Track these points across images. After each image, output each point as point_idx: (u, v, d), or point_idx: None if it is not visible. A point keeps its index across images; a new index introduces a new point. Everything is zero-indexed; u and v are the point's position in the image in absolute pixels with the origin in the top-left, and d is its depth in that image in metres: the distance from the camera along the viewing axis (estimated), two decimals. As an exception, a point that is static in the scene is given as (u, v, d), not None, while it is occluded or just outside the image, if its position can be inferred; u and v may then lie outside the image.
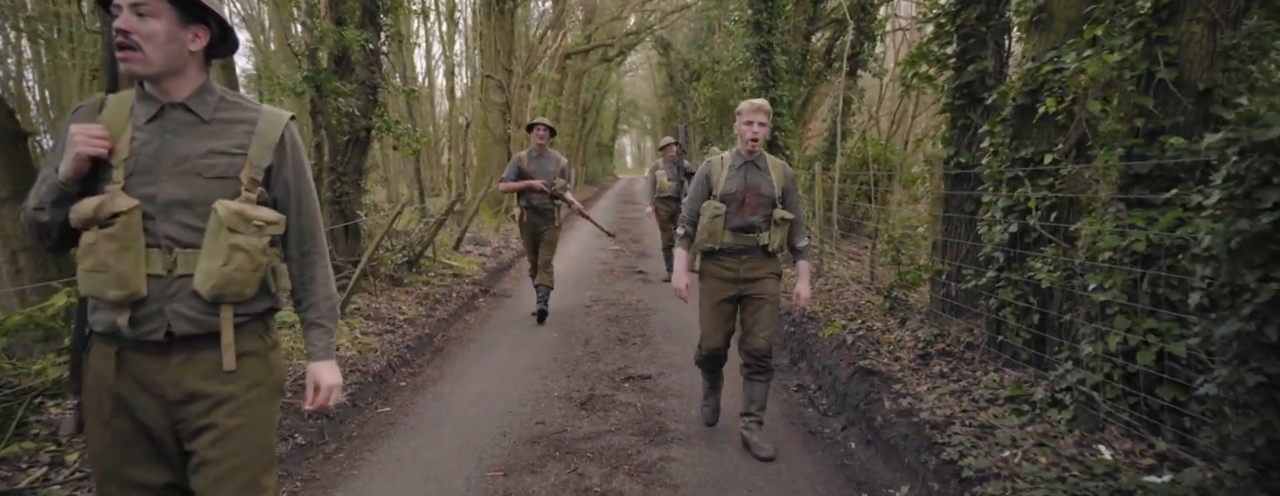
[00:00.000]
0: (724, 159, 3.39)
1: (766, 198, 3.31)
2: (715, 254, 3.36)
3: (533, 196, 5.86)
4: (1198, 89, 3.26)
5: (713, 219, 3.30)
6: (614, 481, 3.09)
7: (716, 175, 3.37)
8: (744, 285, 3.36)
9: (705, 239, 3.34)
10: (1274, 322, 2.14)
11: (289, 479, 3.07)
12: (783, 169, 3.40)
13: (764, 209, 3.31)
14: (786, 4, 11.70)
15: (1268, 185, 2.16)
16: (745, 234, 3.31)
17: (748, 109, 3.32)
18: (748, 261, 3.35)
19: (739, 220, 3.30)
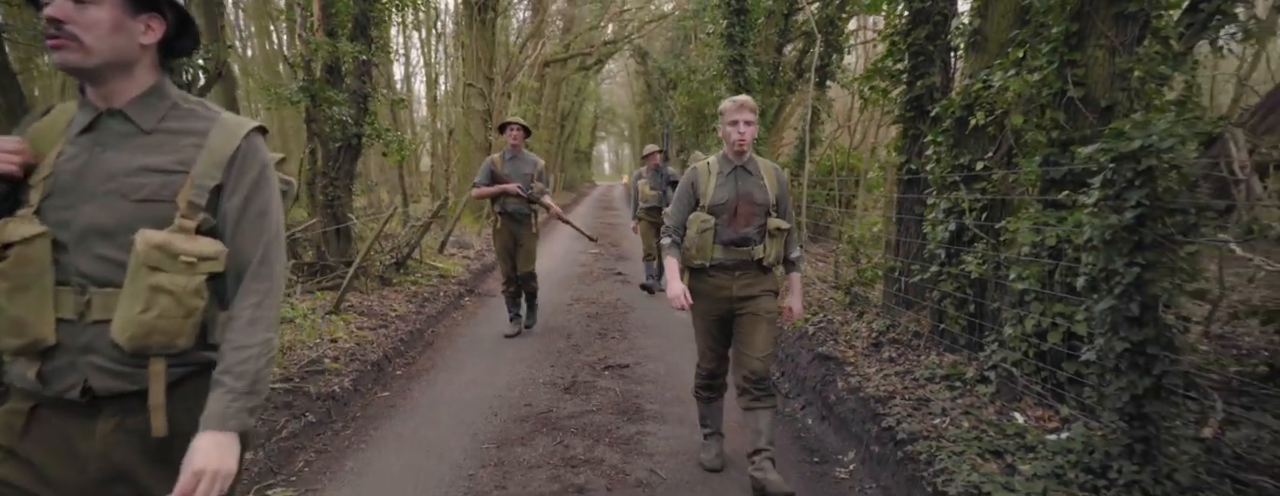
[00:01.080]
0: (711, 165, 3.05)
1: (760, 206, 2.98)
2: (705, 271, 3.02)
3: (508, 201, 5.52)
4: (1101, 105, 3.75)
5: (701, 233, 2.97)
6: (596, 451, 3.48)
7: (703, 184, 3.02)
8: (738, 303, 3.02)
9: (693, 255, 3.01)
10: (1136, 299, 2.61)
11: (304, 450, 3.43)
12: (775, 172, 3.08)
13: (758, 219, 2.98)
14: (759, 17, 12.25)
15: (1132, 187, 2.63)
16: (738, 248, 2.98)
17: (731, 107, 2.97)
18: (742, 278, 3.01)
19: (731, 233, 2.96)
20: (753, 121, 2.94)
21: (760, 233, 3.01)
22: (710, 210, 2.98)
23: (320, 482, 3.11)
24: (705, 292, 3.04)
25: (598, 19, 25.63)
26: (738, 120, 2.96)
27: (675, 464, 3.35)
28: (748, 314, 3.02)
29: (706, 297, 3.04)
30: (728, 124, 2.98)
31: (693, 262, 3.03)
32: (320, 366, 4.34)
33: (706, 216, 2.98)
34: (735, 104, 2.97)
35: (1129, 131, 2.67)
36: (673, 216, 3.11)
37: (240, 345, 1.28)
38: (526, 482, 3.11)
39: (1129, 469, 2.58)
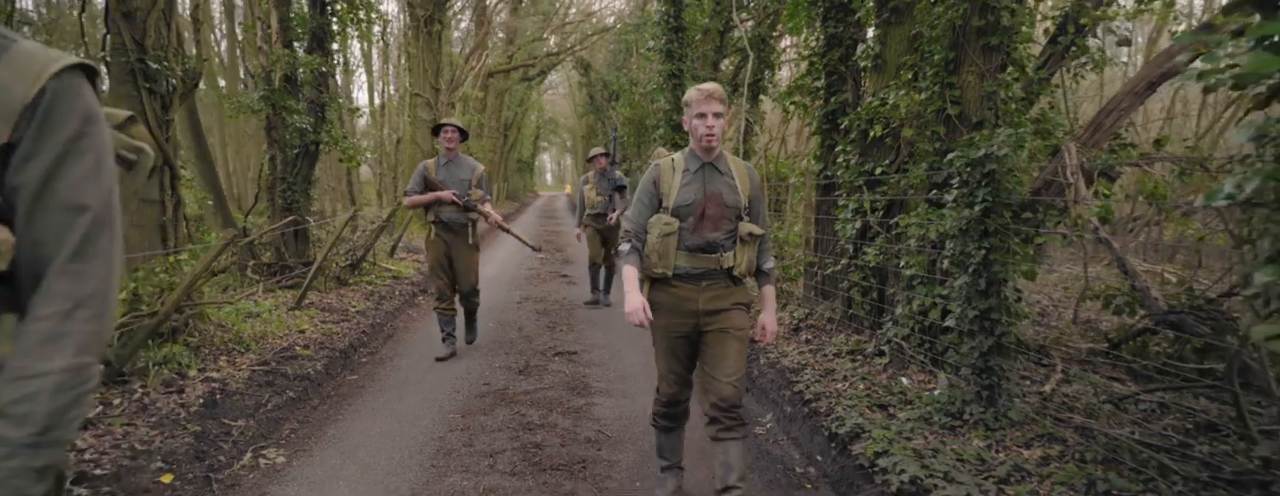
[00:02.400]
0: (675, 161, 2.69)
1: (731, 208, 2.62)
2: (668, 281, 2.65)
3: (443, 210, 5.02)
4: (973, 121, 4.50)
5: (663, 237, 2.59)
6: (549, 418, 3.99)
7: (667, 181, 2.64)
8: (704, 318, 2.65)
9: (655, 262, 2.63)
10: (984, 276, 3.30)
11: (288, 420, 3.83)
12: (748, 172, 2.74)
13: (727, 222, 2.63)
14: (696, 34, 13.00)
15: (979, 186, 3.33)
16: (705, 255, 2.62)
17: (698, 97, 2.58)
18: (709, 289, 2.64)
19: (697, 238, 2.60)
20: (722, 113, 2.56)
21: (731, 238, 2.64)
22: (674, 212, 2.60)
23: (307, 445, 3.52)
24: (668, 305, 2.65)
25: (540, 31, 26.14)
26: (706, 112, 2.56)
27: (619, 426, 3.89)
28: (716, 330, 2.63)
29: (669, 311, 2.65)
30: (694, 116, 2.59)
31: (654, 271, 2.64)
32: (293, 353, 4.71)
33: (670, 219, 2.59)
34: (702, 93, 2.57)
35: (976, 142, 3.37)
36: (631, 219, 2.71)
37: (27, 374, 0.90)
38: (490, 442, 3.60)
39: (976, 410, 3.26)
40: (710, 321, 2.66)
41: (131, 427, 3.25)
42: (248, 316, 5.35)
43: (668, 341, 2.73)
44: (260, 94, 6.62)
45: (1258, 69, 1.80)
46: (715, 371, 2.62)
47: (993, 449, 3.00)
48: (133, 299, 3.90)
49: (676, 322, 2.68)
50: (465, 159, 5.18)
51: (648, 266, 2.66)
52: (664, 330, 2.71)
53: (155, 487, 2.83)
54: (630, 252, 2.68)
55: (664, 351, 2.76)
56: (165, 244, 4.55)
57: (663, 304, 2.67)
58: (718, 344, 2.64)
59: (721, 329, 2.64)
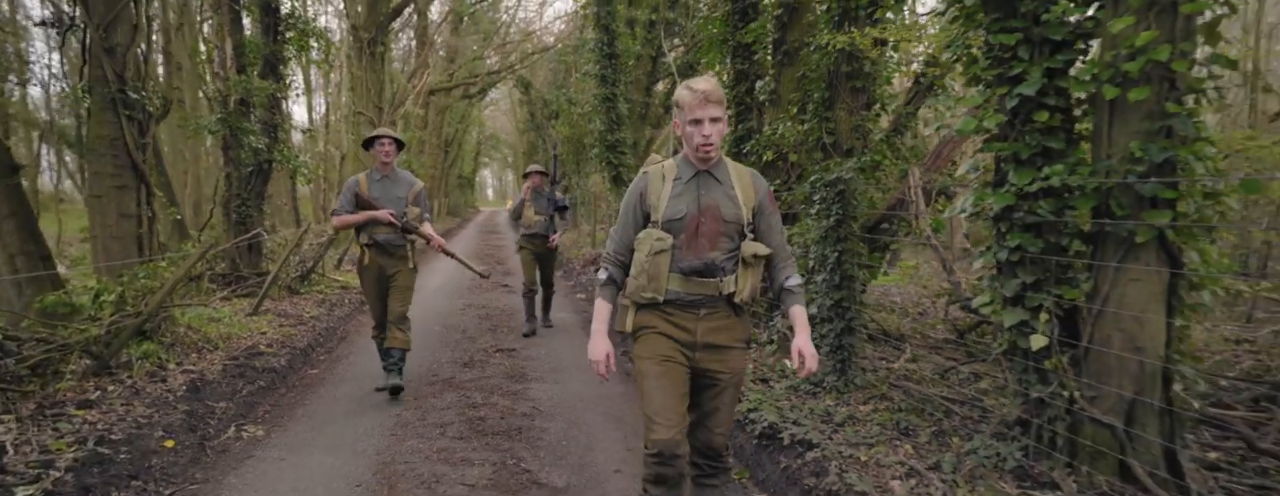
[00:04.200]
0: (665, 168, 2.33)
1: (730, 224, 2.25)
2: (659, 307, 2.29)
3: (377, 231, 4.51)
4: (844, 148, 5.45)
5: (654, 256, 2.22)
6: (491, 399, 4.69)
7: (655, 191, 2.28)
8: (702, 354, 2.28)
9: (644, 285, 2.24)
10: (837, 273, 4.19)
11: (262, 404, 4.42)
12: (753, 180, 2.33)
13: (727, 240, 2.25)
14: (629, 61, 13.90)
15: (833, 203, 4.23)
16: (701, 278, 2.25)
17: (692, 101, 2.16)
18: (708, 319, 2.27)
19: (692, 258, 2.24)
20: (721, 118, 2.17)
21: (732, 259, 2.26)
22: (666, 226, 2.24)
23: (281, 422, 4.13)
24: (659, 329, 2.28)
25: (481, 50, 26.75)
26: (701, 118, 2.16)
27: (551, 404, 4.62)
28: (713, 376, 2.31)
29: (660, 336, 2.28)
30: (688, 123, 2.19)
31: (642, 296, 2.26)
32: (258, 351, 5.27)
33: (661, 233, 2.23)
34: (697, 95, 2.15)
35: (830, 167, 4.28)
36: (614, 239, 2.34)
37: None
38: (440, 417, 4.28)
39: (831, 380, 4.14)
40: (708, 360, 2.28)
41: (129, 407, 3.82)
42: (210, 320, 5.86)
43: (658, 368, 2.24)
44: (217, 116, 7.12)
45: (962, 129, 2.73)
46: (707, 419, 2.35)
47: (838, 405, 3.87)
48: (119, 300, 4.44)
49: (668, 346, 2.26)
50: (402, 174, 4.71)
51: (636, 290, 2.27)
52: (653, 357, 2.25)
53: (161, 450, 3.42)
54: (606, 284, 2.32)
55: (653, 382, 2.23)
56: (141, 253, 5.08)
57: (655, 327, 2.28)
58: (713, 398, 2.33)
59: (718, 375, 2.30)
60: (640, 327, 2.33)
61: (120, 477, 3.07)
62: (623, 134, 12.65)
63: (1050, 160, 2.73)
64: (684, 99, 2.19)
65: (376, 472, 3.41)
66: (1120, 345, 2.59)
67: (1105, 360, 2.63)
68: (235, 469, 3.43)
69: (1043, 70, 2.69)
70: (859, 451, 3.23)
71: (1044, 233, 2.79)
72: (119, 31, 5.05)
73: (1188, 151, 2.42)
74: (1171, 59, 2.40)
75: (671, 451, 2.18)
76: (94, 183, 5.01)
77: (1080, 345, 2.71)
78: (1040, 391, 2.75)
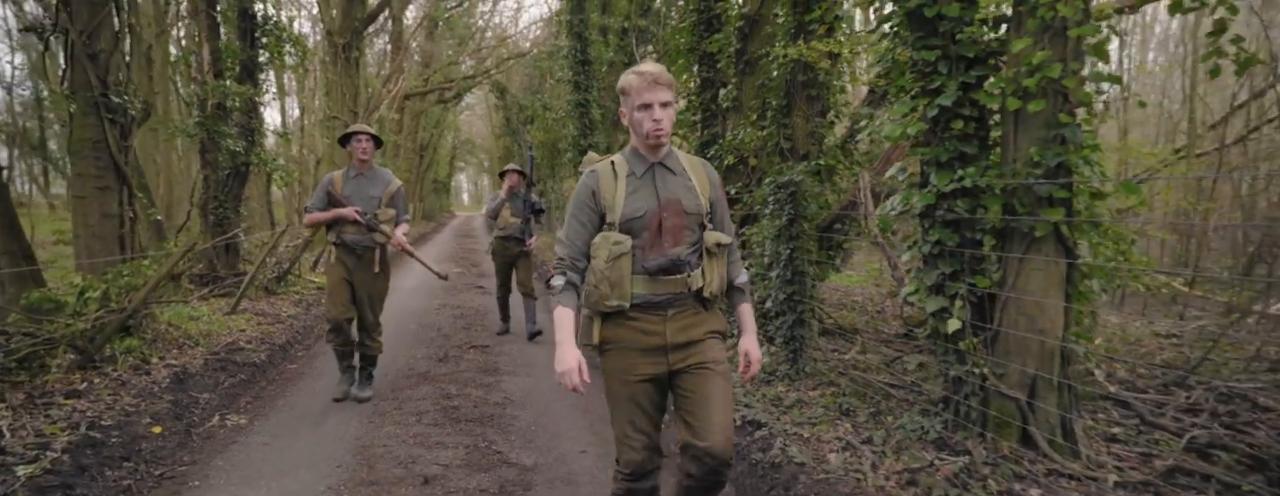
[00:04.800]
0: (615, 165, 2.18)
1: (692, 215, 2.15)
2: (624, 313, 2.14)
3: (345, 230, 4.39)
4: (801, 153, 5.79)
5: (613, 261, 2.09)
6: (465, 390, 4.92)
7: (607, 190, 2.14)
8: (676, 355, 2.14)
9: (606, 294, 2.10)
10: (790, 268, 4.51)
11: (243, 395, 4.62)
12: (705, 169, 2.26)
13: (691, 233, 2.15)
14: (603, 67, 14.21)
15: (785, 203, 4.55)
16: (668, 277, 2.13)
17: (639, 84, 2.05)
18: (677, 318, 2.15)
19: (657, 256, 2.12)
20: (671, 102, 2.05)
21: (696, 252, 2.16)
22: (623, 227, 2.11)
23: (263, 412, 4.34)
24: (627, 342, 2.13)
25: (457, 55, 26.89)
26: (650, 102, 2.04)
27: (522, 394, 4.87)
28: (694, 366, 2.13)
29: (629, 350, 2.13)
30: (636, 108, 2.07)
31: (606, 305, 2.11)
32: (238, 347, 5.46)
33: (619, 236, 2.10)
34: (645, 78, 2.03)
35: (783, 170, 4.60)
36: (566, 243, 2.19)
37: None
38: (417, 406, 4.51)
39: (784, 369, 4.45)
40: (684, 357, 2.13)
41: (117, 397, 4.00)
42: (190, 319, 6.02)
43: (628, 389, 2.12)
44: (196, 120, 7.27)
45: (888, 135, 3.05)
46: (698, 418, 2.07)
47: (789, 391, 4.18)
48: (103, 297, 4.61)
49: (640, 363, 2.11)
50: (381, 172, 4.57)
51: (597, 299, 2.11)
52: (621, 374, 2.13)
53: (149, 435, 3.62)
54: (566, 289, 2.15)
55: (623, 403, 2.14)
56: (123, 253, 5.24)
57: (620, 341, 2.13)
58: (698, 384, 2.10)
59: (699, 364, 2.12)
60: (607, 342, 2.16)
61: (113, 459, 3.27)
62: (596, 138, 12.94)
63: (965, 164, 3.07)
64: (630, 83, 2.06)
65: (356, 455, 3.64)
66: (1024, 327, 2.93)
67: (1011, 341, 2.97)
68: (221, 452, 3.64)
69: (958, 84, 3.03)
70: (803, 429, 3.54)
71: (961, 228, 3.12)
72: (102, 38, 5.22)
73: (1078, 156, 2.77)
74: (1062, 76, 2.74)
75: (640, 471, 2.14)
76: (77, 184, 5.17)
77: (991, 328, 3.04)
78: (958, 370, 3.08)
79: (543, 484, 3.33)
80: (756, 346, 2.26)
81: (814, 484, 2.95)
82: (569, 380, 2.04)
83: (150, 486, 3.18)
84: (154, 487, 3.18)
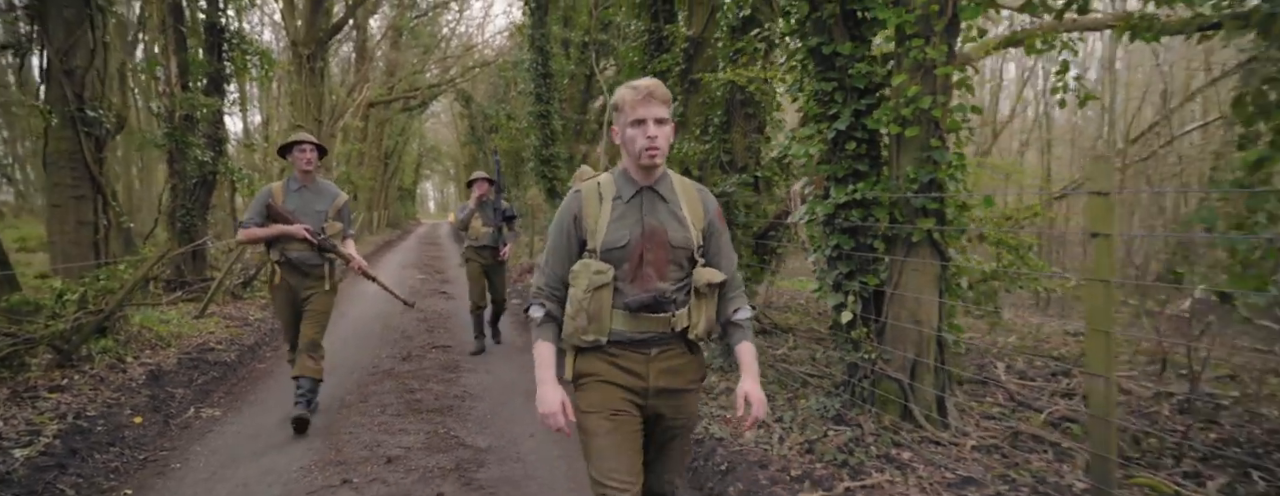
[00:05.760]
0: (601, 185, 2.00)
1: (679, 249, 1.95)
2: (602, 348, 1.97)
3: (291, 248, 4.07)
4: (739, 166, 6.30)
5: (593, 291, 1.91)
6: (427, 385, 5.30)
7: (591, 214, 1.96)
8: (657, 401, 1.99)
9: (583, 326, 1.93)
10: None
11: (216, 391, 4.94)
12: (700, 196, 2.06)
13: (676, 269, 1.95)
14: (563, 79, 14.66)
15: (731, 209, 5.03)
16: (650, 314, 1.93)
17: (633, 98, 1.88)
18: (661, 359, 1.97)
19: (638, 291, 1.93)
20: (666, 119, 1.90)
21: (683, 290, 1.97)
22: (604, 255, 1.94)
23: (236, 405, 4.67)
24: (604, 376, 1.97)
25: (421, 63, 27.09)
26: (644, 118, 1.88)
27: (480, 388, 5.26)
28: (664, 429, 2.04)
29: (606, 384, 1.97)
30: (629, 124, 1.90)
31: (582, 339, 1.95)
32: (209, 347, 5.75)
33: (600, 265, 1.92)
34: (639, 92, 1.88)
35: (718, 182, 5.09)
36: (544, 269, 2.03)
37: None
38: (381, 399, 4.88)
39: (720, 361, 4.92)
40: (661, 407, 1.98)
41: (97, 392, 4.30)
42: (161, 321, 6.28)
43: (606, 423, 1.92)
44: (164, 131, 7.53)
45: (795, 153, 3.56)
46: (654, 467, 2.07)
47: (720, 382, 4.65)
48: (81, 300, 4.89)
49: (617, 396, 1.95)
50: (324, 185, 4.26)
51: (574, 332, 1.94)
52: (599, 408, 1.94)
53: (131, 425, 3.94)
54: (544, 322, 2.00)
55: (603, 436, 1.92)
56: (97, 258, 5.52)
57: (599, 373, 1.96)
58: (663, 448, 2.05)
59: (678, 427, 2.03)
60: (582, 375, 1.97)
61: (100, 444, 3.60)
62: (557, 149, 13.37)
63: (859, 179, 3.58)
64: (624, 98, 1.88)
65: (324, 440, 4.01)
66: (906, 319, 3.44)
67: (896, 331, 3.48)
68: (198, 440, 3.98)
69: (852, 111, 3.54)
70: (727, 412, 4.02)
71: (856, 234, 3.63)
72: (78, 55, 5.51)
73: (944, 174, 3.30)
74: (931, 107, 3.27)
75: None
76: (54, 193, 5.44)
77: (880, 320, 3.55)
78: (853, 357, 3.58)
79: (495, 462, 3.74)
80: (758, 389, 1.95)
81: (729, 455, 3.41)
82: (553, 422, 1.91)
83: (136, 468, 3.52)
84: (139, 469, 3.52)
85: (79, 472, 3.28)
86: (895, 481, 2.89)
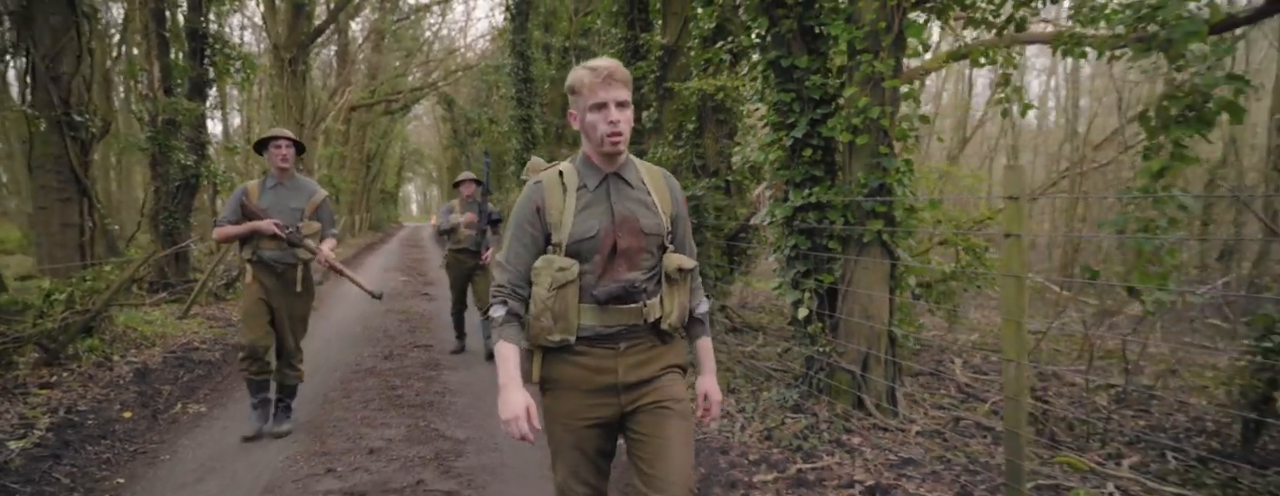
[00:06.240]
0: (563, 174, 1.87)
1: (651, 236, 1.86)
2: (570, 348, 1.85)
3: (263, 246, 3.93)
4: (711, 170, 6.54)
5: (557, 290, 1.80)
6: (408, 382, 5.47)
7: (553, 206, 1.84)
8: (630, 395, 1.87)
9: (548, 327, 1.81)
10: (692, 270, 5.23)
11: (201, 388, 5.08)
12: (666, 181, 1.97)
13: (648, 256, 1.86)
14: (544, 85, 14.85)
15: (702, 212, 5.26)
16: (621, 305, 1.84)
17: (592, 80, 1.76)
18: (631, 352, 1.87)
19: (609, 283, 1.83)
20: (628, 102, 1.80)
21: (654, 278, 1.88)
22: (571, 249, 1.82)
23: (221, 401, 4.81)
24: (572, 382, 1.86)
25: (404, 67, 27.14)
26: (606, 101, 1.76)
27: (460, 385, 5.44)
28: (649, 407, 1.87)
29: (574, 391, 1.86)
30: (589, 108, 1.78)
31: (548, 339, 1.83)
32: (193, 347, 5.89)
33: (565, 261, 1.81)
34: (598, 74, 1.76)
35: (689, 185, 5.32)
36: (506, 266, 1.90)
37: None
38: (364, 395, 5.05)
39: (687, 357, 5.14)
40: (638, 396, 1.86)
41: (87, 388, 4.44)
42: (144, 322, 6.40)
43: (573, 435, 1.87)
44: (147, 134, 7.64)
45: (756, 160, 3.79)
46: (655, 466, 1.81)
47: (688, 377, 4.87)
48: (69, 300, 5.02)
49: (587, 404, 1.85)
50: (304, 182, 4.13)
51: (538, 333, 1.83)
52: (566, 419, 1.87)
53: (121, 419, 4.08)
54: (507, 321, 1.86)
55: (566, 451, 1.88)
56: (83, 259, 5.64)
57: (565, 380, 1.85)
58: (655, 426, 1.84)
59: (656, 403, 1.86)
60: (549, 380, 1.87)
61: (92, 437, 3.75)
62: (538, 153, 13.56)
63: (815, 184, 3.82)
64: (583, 80, 1.75)
65: (309, 434, 4.17)
66: (858, 315, 3.69)
67: (850, 326, 3.72)
68: (186, 434, 4.13)
69: (808, 120, 3.79)
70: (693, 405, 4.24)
71: (812, 235, 3.87)
72: (64, 61, 5.64)
73: (893, 179, 3.55)
74: (880, 117, 3.52)
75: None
76: (40, 196, 5.56)
77: (834, 316, 3.79)
78: (810, 350, 3.82)
79: (473, 452, 3.93)
80: (716, 387, 1.99)
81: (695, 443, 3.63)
82: (516, 428, 1.74)
83: (127, 459, 3.67)
84: (130, 460, 3.67)
85: (73, 463, 3.44)
86: (843, 463, 3.12)
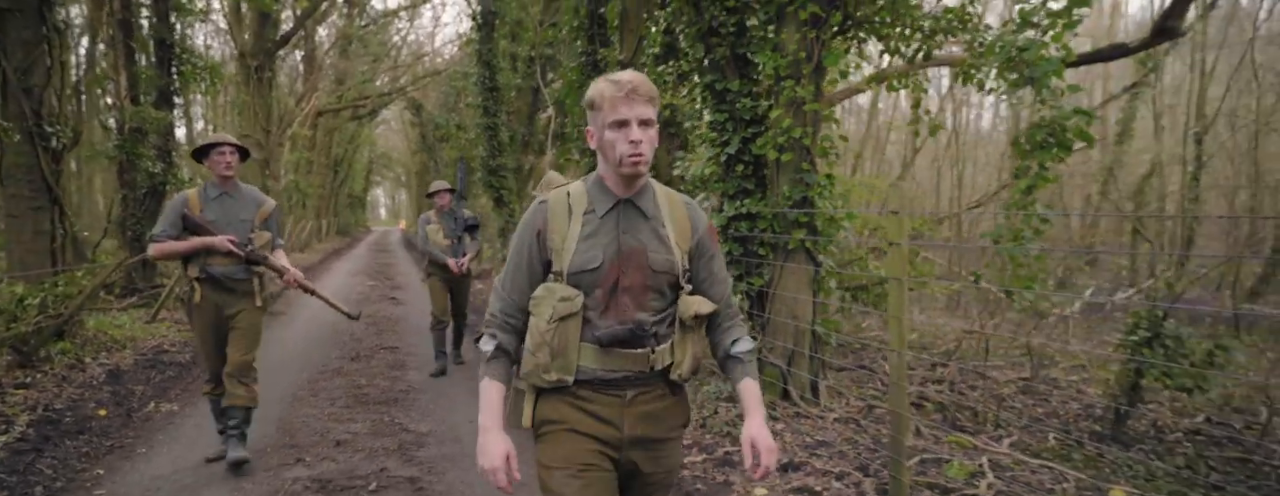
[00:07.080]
0: (572, 196, 1.65)
1: (661, 273, 1.62)
2: (569, 390, 1.64)
3: (213, 262, 3.54)
4: (665, 179, 6.92)
5: (557, 323, 1.58)
6: (374, 381, 5.75)
7: (558, 230, 1.62)
8: (634, 454, 1.66)
9: (545, 363, 1.60)
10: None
11: (173, 388, 5.31)
12: (688, 210, 1.71)
13: (658, 297, 1.63)
14: (510, 93, 15.14)
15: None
16: (626, 349, 1.60)
17: (615, 94, 1.53)
18: (639, 403, 1.65)
19: (612, 323, 1.59)
20: (652, 120, 1.57)
21: (665, 321, 1.65)
22: (572, 278, 1.60)
23: (192, 401, 5.05)
24: (573, 425, 1.63)
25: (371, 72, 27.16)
26: (628, 119, 1.54)
27: (425, 384, 5.73)
28: (645, 488, 1.72)
29: (576, 434, 1.63)
30: (608, 125, 1.56)
31: (544, 379, 1.62)
32: (163, 349, 6.09)
33: (568, 291, 1.59)
34: (620, 88, 1.53)
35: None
36: (500, 293, 1.70)
37: None
38: (331, 393, 5.32)
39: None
40: (639, 462, 1.68)
41: (61, 388, 4.66)
42: (114, 326, 6.57)
43: (577, 477, 1.60)
44: (114, 143, 7.79)
45: (695, 174, 4.18)
46: None
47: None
48: (41, 304, 5.21)
49: (585, 447, 1.63)
50: (248, 191, 3.76)
51: (535, 370, 1.63)
52: (566, 455, 1.62)
53: (97, 417, 4.31)
54: (495, 357, 1.67)
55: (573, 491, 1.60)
56: (54, 266, 5.82)
57: (563, 422, 1.65)
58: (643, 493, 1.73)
59: (652, 479, 1.71)
60: (545, 423, 1.66)
61: (70, 433, 3.98)
62: (504, 160, 13.85)
63: (747, 196, 4.22)
64: (604, 94, 1.54)
65: (279, 429, 4.45)
66: (785, 315, 4.09)
67: (777, 325, 4.12)
68: (160, 430, 4.37)
69: (740, 138, 4.18)
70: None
71: (744, 242, 4.27)
72: (35, 73, 5.82)
73: (815, 193, 3.95)
74: (802, 137, 3.93)
75: None
76: (12, 204, 5.73)
77: (764, 316, 4.19)
78: (743, 347, 4.21)
79: (434, 443, 4.24)
80: (767, 433, 1.63)
81: (636, 432, 3.99)
82: (495, 479, 1.58)
83: (104, 453, 3.91)
84: (107, 454, 3.91)
85: (53, 456, 3.67)
86: (765, 446, 3.51)
